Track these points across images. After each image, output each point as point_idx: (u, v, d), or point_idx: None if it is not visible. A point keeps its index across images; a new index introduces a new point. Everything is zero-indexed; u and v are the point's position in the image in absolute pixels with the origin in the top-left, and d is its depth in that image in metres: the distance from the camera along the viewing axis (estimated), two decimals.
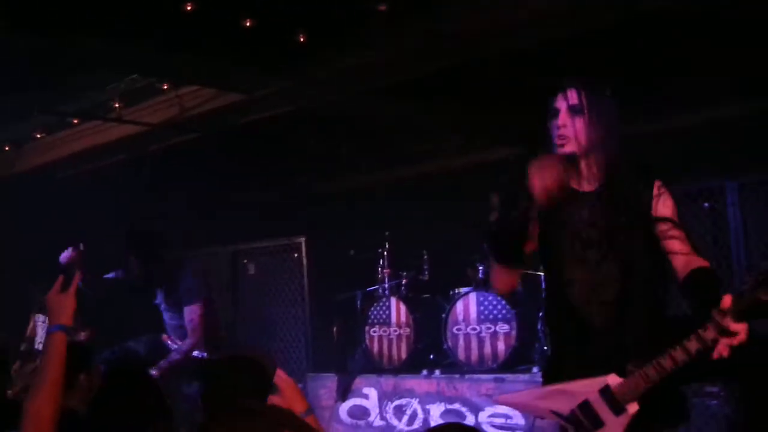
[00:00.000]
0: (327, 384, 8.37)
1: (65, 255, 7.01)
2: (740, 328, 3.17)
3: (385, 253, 8.95)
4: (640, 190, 3.75)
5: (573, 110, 3.72)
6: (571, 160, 3.72)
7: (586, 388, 3.64)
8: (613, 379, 3.54)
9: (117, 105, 8.61)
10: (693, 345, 3.30)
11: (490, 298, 7.84)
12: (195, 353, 7.09)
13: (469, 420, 7.39)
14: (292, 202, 10.39)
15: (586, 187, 3.79)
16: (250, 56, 7.24)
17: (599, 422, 3.57)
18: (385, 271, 8.91)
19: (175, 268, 7.34)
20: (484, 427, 7.28)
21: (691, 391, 6.41)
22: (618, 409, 3.52)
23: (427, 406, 7.69)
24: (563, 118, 3.73)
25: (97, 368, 4.53)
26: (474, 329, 7.86)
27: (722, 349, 3.20)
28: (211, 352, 7.15)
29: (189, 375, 6.96)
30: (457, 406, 7.52)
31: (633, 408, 3.50)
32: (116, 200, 9.71)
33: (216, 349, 7.21)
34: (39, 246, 8.37)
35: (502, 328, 7.70)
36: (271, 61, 7.37)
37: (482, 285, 8.02)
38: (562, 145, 3.72)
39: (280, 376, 3.64)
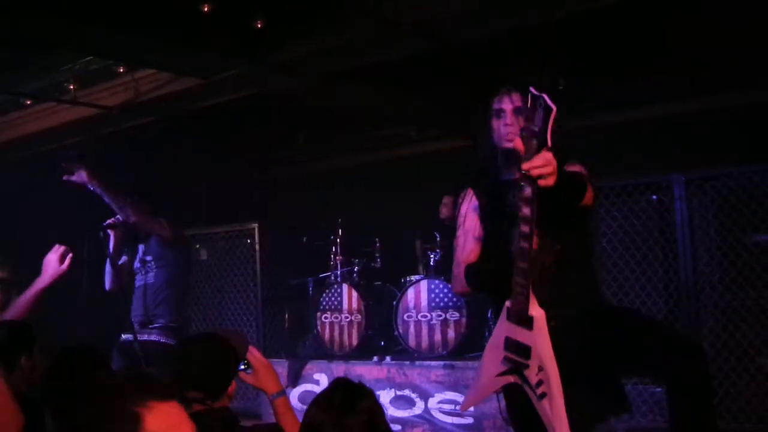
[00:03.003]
0: (278, 369, 8.15)
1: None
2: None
3: (338, 240, 9.00)
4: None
5: (517, 111, 4.08)
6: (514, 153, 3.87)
7: (499, 331, 3.93)
8: (508, 303, 3.82)
9: (72, 87, 8.56)
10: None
11: (441, 286, 7.92)
12: (157, 338, 6.96)
13: (419, 406, 7.47)
14: (245, 188, 10.39)
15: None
16: (207, 41, 7.23)
17: (526, 348, 3.76)
18: (337, 257, 8.98)
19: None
20: (434, 413, 7.37)
21: (636, 379, 6.57)
22: (527, 322, 3.74)
23: (377, 393, 7.72)
24: (510, 118, 4.09)
25: (38, 349, 4.54)
26: (425, 316, 7.94)
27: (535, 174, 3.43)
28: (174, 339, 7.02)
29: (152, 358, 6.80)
30: (407, 392, 7.59)
31: (537, 312, 3.71)
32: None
33: (178, 336, 7.08)
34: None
35: (453, 315, 7.79)
36: (227, 46, 7.38)
37: (433, 273, 8.10)
38: (511, 141, 3.93)
39: (255, 356, 3.66)
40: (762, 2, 6.27)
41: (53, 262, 4.61)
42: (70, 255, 4.73)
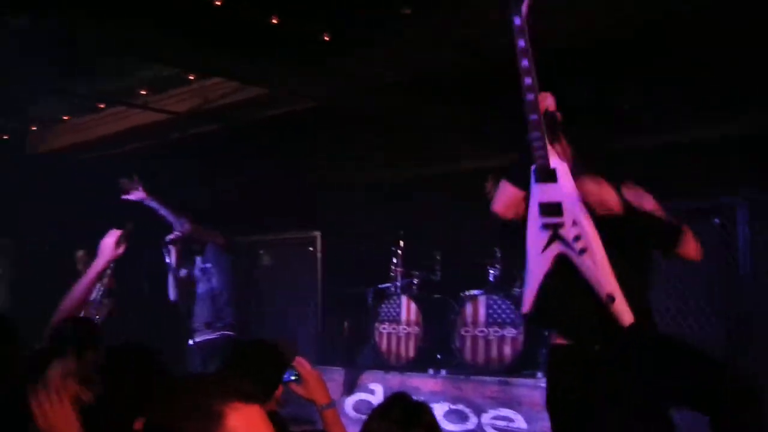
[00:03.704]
0: (334, 377, 8.45)
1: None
2: None
3: (399, 251, 9.04)
4: None
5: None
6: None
7: (532, 201, 4.04)
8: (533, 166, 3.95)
9: (143, 92, 8.75)
10: None
11: (499, 302, 7.91)
12: (224, 335, 7.37)
13: (472, 421, 7.48)
14: (307, 196, 10.47)
15: None
16: (274, 51, 7.34)
17: (557, 205, 3.92)
18: (397, 269, 9.01)
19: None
20: (487, 428, 7.37)
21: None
22: (551, 176, 3.89)
23: (431, 405, 7.74)
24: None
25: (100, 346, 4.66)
26: (482, 332, 7.94)
27: None
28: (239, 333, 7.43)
29: (219, 354, 7.12)
30: (460, 406, 7.61)
31: (558, 163, 3.89)
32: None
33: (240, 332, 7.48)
34: (62, 222, 8.56)
35: (510, 332, 7.77)
36: (294, 56, 7.47)
37: (492, 288, 8.10)
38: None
39: (305, 367, 3.72)
40: None
41: (109, 246, 4.68)
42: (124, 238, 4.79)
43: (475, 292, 8.24)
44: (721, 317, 7.05)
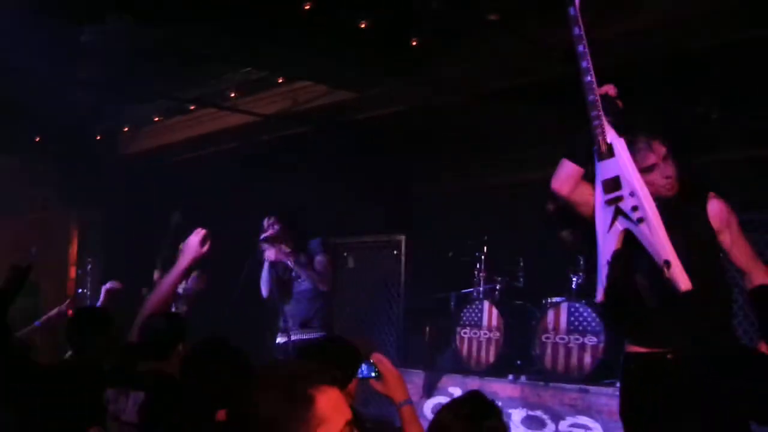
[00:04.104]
0: (414, 380, 8.50)
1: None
2: None
3: (483, 257, 9.07)
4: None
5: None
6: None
7: (597, 180, 4.09)
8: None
9: (232, 95, 8.93)
10: None
11: (581, 309, 7.89)
12: (318, 335, 7.39)
13: (550, 428, 7.47)
14: (395, 200, 10.55)
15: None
16: (363, 56, 7.44)
17: (616, 179, 3.99)
18: (481, 274, 9.03)
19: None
20: None
21: None
22: (609, 151, 3.99)
23: (509, 411, 7.77)
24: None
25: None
26: (563, 339, 7.92)
27: None
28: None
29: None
30: (539, 413, 7.60)
31: (615, 138, 3.98)
32: (222, 187, 10.05)
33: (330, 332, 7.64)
34: (154, 221, 8.80)
35: (591, 340, 7.75)
36: (382, 61, 7.57)
37: (575, 296, 8.08)
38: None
39: (385, 364, 3.80)
40: None
41: (194, 245, 4.83)
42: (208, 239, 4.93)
43: (557, 299, 8.23)
44: None
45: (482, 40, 7.16)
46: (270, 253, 7.49)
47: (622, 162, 3.90)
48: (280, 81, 8.69)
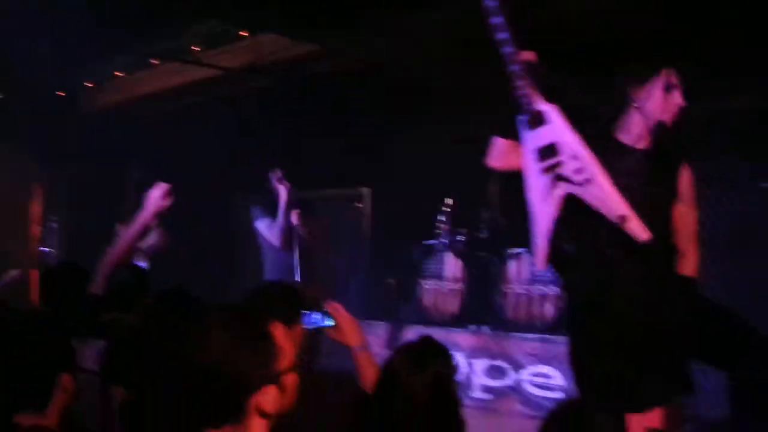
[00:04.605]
0: (377, 332, 8.53)
1: None
2: None
3: (447, 209, 9.11)
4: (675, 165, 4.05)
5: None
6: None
7: (526, 151, 4.09)
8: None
9: (196, 48, 8.88)
10: None
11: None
12: None
13: (512, 377, 7.57)
14: (358, 153, 10.56)
15: (637, 144, 4.19)
16: (327, 7, 7.40)
17: (551, 146, 3.98)
18: (444, 226, 9.07)
19: None
20: (525, 385, 7.46)
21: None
22: (539, 119, 3.98)
23: (472, 361, 7.86)
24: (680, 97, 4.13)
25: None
26: (525, 289, 8.02)
27: None
28: None
29: None
30: (500, 362, 7.69)
31: (544, 105, 3.96)
32: (186, 141, 10.02)
33: None
34: (116, 177, 8.76)
35: (552, 290, 7.83)
36: (347, 13, 7.52)
37: None
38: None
39: (339, 312, 3.85)
40: None
41: (156, 199, 4.86)
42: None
43: (519, 249, 8.31)
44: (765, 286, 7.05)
45: None
46: (284, 194, 7.71)
47: (557, 127, 3.90)
48: (243, 34, 8.64)
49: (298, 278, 7.64)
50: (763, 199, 7.21)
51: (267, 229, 7.94)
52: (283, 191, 7.86)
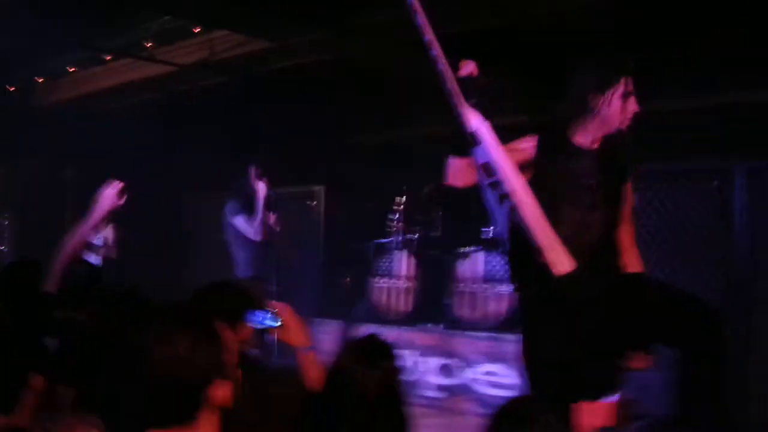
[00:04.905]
0: (331, 330, 8.57)
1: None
2: None
3: (400, 207, 9.13)
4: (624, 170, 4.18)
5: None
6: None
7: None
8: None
9: (149, 44, 8.83)
10: None
11: (495, 259, 8.02)
12: None
13: (464, 375, 7.61)
14: (313, 151, 10.56)
15: (592, 146, 4.19)
16: (281, 5, 7.39)
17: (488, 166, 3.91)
18: (398, 225, 9.10)
19: None
20: (477, 384, 7.51)
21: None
22: (475, 140, 3.87)
23: (426, 359, 7.90)
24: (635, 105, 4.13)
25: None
26: (477, 288, 8.05)
27: None
28: None
29: None
30: (453, 360, 7.73)
31: (476, 124, 3.83)
32: (140, 137, 9.96)
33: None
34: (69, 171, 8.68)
35: (504, 288, 7.87)
36: (302, 9, 7.52)
37: (489, 245, 8.19)
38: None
39: (286, 311, 3.85)
40: None
41: (110, 197, 4.83)
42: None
43: (471, 248, 8.36)
44: (718, 280, 7.14)
45: None
46: (263, 188, 7.91)
47: (487, 148, 3.91)
48: (197, 30, 8.60)
49: (272, 272, 7.76)
50: (703, 198, 7.31)
51: (246, 224, 8.01)
52: (261, 187, 8.01)
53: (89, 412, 3.47)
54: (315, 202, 9.90)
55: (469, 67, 3.96)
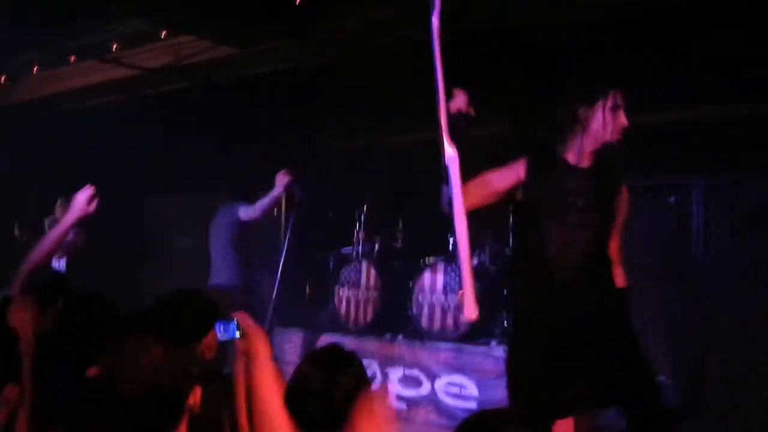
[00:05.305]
0: (293, 339, 8.54)
1: None
2: None
3: (363, 216, 9.13)
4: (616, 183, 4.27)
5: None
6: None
7: None
8: None
9: (115, 47, 8.75)
10: None
11: (458, 270, 8.01)
12: None
13: (426, 387, 7.60)
14: (274, 159, 10.53)
15: (581, 163, 4.28)
16: (246, 10, 7.37)
17: None
18: (360, 234, 9.09)
19: None
20: (440, 395, 7.50)
21: None
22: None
23: (387, 370, 7.89)
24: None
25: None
26: (439, 299, 8.06)
27: None
28: None
29: None
30: (415, 372, 7.72)
31: (450, 150, 3.99)
32: (104, 141, 9.86)
33: None
34: (31, 174, 8.58)
35: None
36: (265, 18, 7.51)
37: (451, 256, 8.20)
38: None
39: (247, 322, 3.82)
40: None
41: (82, 202, 4.78)
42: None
43: (434, 259, 8.36)
44: (677, 295, 7.21)
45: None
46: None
47: (453, 180, 3.97)
48: (164, 35, 8.55)
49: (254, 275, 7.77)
50: (663, 213, 7.38)
51: (248, 209, 8.46)
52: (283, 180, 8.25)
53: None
54: (277, 210, 9.84)
55: (459, 102, 4.01)
